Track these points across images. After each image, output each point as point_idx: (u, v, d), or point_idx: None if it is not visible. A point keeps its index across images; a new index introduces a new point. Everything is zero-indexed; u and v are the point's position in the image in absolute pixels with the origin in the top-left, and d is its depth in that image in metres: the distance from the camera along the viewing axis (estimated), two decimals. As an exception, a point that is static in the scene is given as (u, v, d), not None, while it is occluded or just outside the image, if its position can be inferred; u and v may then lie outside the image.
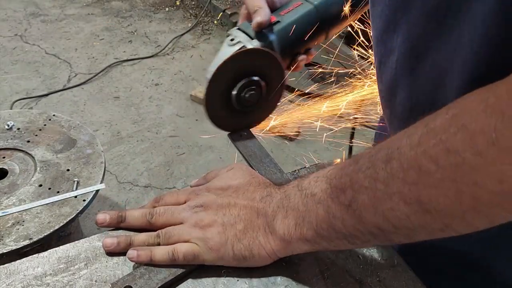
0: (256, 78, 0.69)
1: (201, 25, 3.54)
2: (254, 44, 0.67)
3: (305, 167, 0.73)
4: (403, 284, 0.56)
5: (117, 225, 0.58)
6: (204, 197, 0.57)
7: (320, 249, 0.51)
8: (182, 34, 3.41)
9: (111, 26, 3.48)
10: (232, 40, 0.68)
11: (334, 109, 0.89)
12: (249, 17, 0.70)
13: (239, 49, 0.67)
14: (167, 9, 3.74)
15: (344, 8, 0.72)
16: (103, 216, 0.58)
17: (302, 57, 0.73)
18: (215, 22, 3.56)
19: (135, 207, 2.12)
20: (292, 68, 0.74)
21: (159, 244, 0.55)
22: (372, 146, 0.45)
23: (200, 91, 2.78)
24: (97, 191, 1.40)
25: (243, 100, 0.70)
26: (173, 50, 3.25)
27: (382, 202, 0.41)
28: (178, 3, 3.79)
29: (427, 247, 0.53)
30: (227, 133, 0.78)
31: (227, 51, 0.67)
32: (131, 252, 0.53)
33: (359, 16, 0.76)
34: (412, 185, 0.39)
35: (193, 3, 3.81)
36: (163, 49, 3.22)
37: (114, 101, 2.77)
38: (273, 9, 0.71)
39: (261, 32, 0.67)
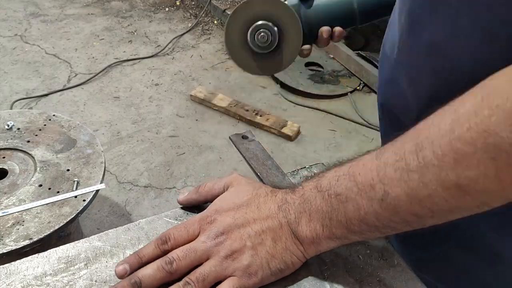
0: (269, 23, 0.75)
1: (201, 25, 3.54)
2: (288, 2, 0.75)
3: (305, 167, 0.73)
4: (403, 284, 0.56)
5: None
6: (220, 223, 0.53)
7: (348, 243, 0.51)
8: (182, 34, 3.41)
9: (111, 26, 3.48)
10: None
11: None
12: None
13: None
14: (167, 9, 3.74)
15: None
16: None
17: (325, 28, 0.77)
18: (215, 22, 3.56)
19: (135, 207, 2.13)
20: (319, 42, 0.80)
21: None
22: (391, 141, 0.45)
23: (200, 91, 2.78)
24: (97, 191, 1.40)
25: (256, 38, 0.76)
26: (173, 50, 3.25)
27: (418, 191, 0.42)
28: (178, 3, 3.79)
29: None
30: (226, 134, 0.80)
31: None
32: None
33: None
34: (449, 170, 0.40)
35: (193, 3, 3.81)
36: (163, 49, 3.22)
37: (114, 101, 2.77)
38: None
39: None
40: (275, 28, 0.76)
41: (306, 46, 0.80)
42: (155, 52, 3.19)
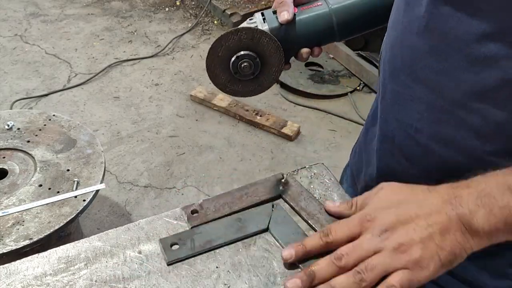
0: (253, 53, 0.75)
1: (201, 25, 3.54)
2: (264, 27, 0.74)
3: (305, 167, 0.73)
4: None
5: (311, 285, 0.53)
6: (382, 220, 0.54)
7: None
8: (182, 34, 3.41)
9: (111, 26, 3.48)
10: (250, 19, 0.77)
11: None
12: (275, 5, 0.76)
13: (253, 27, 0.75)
14: (167, 9, 3.74)
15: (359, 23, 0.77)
16: (294, 283, 0.53)
17: (305, 50, 0.77)
18: (215, 22, 3.56)
19: (135, 207, 2.13)
20: (297, 58, 0.80)
21: (361, 281, 0.51)
22: None
23: (200, 91, 2.78)
24: (97, 191, 1.40)
25: (239, 68, 0.77)
26: (173, 50, 3.25)
27: None
28: (178, 3, 3.79)
29: None
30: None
31: (240, 26, 0.76)
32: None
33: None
34: None
35: (193, 3, 3.81)
36: (163, 49, 3.22)
37: (114, 101, 2.77)
38: (297, 3, 0.76)
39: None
40: (257, 58, 0.76)
41: (286, 66, 0.81)
42: (155, 52, 3.19)
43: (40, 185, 1.39)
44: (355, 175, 0.89)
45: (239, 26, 0.74)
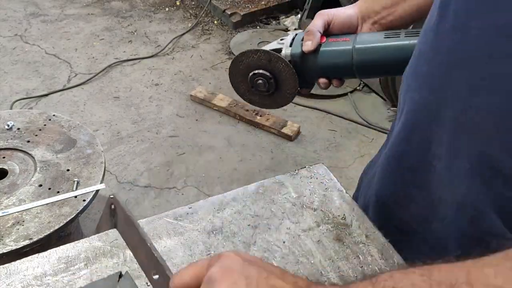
0: (269, 74, 0.80)
1: (201, 25, 3.54)
2: (287, 50, 0.79)
3: (305, 167, 0.73)
4: (403, 284, 0.56)
5: None
6: None
7: None
8: (182, 34, 3.41)
9: (111, 26, 3.48)
10: (281, 39, 0.82)
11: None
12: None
13: (278, 48, 0.80)
14: (167, 9, 3.74)
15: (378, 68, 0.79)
16: None
17: (322, 80, 0.80)
18: (215, 22, 3.56)
19: (135, 207, 2.13)
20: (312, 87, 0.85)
21: None
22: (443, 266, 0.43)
23: (200, 91, 2.78)
24: (97, 191, 1.40)
25: (255, 84, 0.83)
26: (173, 50, 3.25)
27: None
28: (178, 3, 3.79)
29: None
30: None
31: (270, 44, 0.83)
32: None
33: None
34: None
35: (193, 3, 3.81)
36: (163, 49, 3.22)
37: (114, 101, 2.77)
38: (328, 32, 0.80)
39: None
40: (272, 78, 0.81)
41: (305, 90, 0.85)
42: (155, 52, 3.19)
43: (40, 185, 1.39)
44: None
45: (263, 47, 0.81)
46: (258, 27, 3.49)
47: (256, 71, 0.81)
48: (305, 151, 2.48)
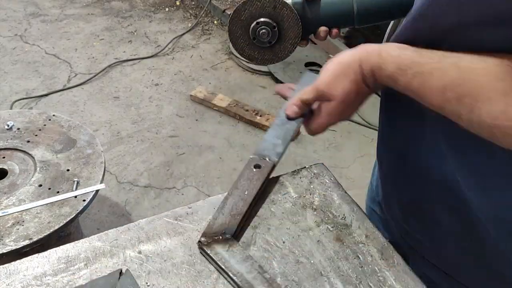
0: (270, 20, 0.80)
1: (201, 25, 3.54)
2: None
3: (305, 167, 0.73)
4: (403, 284, 0.56)
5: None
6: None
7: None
8: (182, 34, 3.41)
9: (111, 26, 3.48)
10: None
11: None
12: None
13: None
14: (167, 9, 3.74)
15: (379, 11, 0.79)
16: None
17: (323, 28, 0.81)
18: (215, 22, 3.56)
19: (135, 207, 2.13)
20: (316, 37, 0.83)
21: None
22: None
23: (200, 91, 2.78)
24: (97, 191, 1.40)
25: (257, 34, 0.82)
26: (173, 50, 3.25)
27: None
28: (178, 3, 3.79)
29: None
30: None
31: None
32: None
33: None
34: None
35: (193, 3, 3.81)
36: (163, 49, 3.22)
37: (114, 101, 2.77)
38: None
39: None
40: (275, 27, 0.81)
41: (303, 42, 0.86)
42: (155, 52, 3.19)
43: (40, 185, 1.39)
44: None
45: None
46: (258, 27, 3.49)
47: (260, 20, 0.81)
48: (305, 151, 2.48)
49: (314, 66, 3.08)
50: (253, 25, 0.81)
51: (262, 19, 0.81)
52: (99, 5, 3.72)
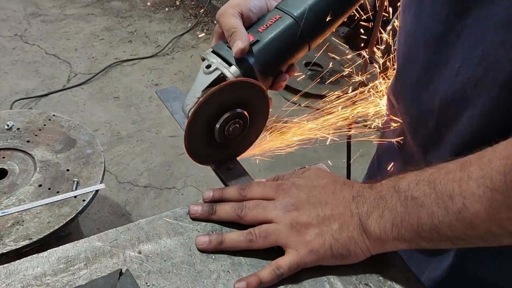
0: (239, 110, 0.63)
1: (201, 25, 3.54)
2: (232, 71, 0.61)
3: (305, 167, 0.73)
4: (403, 284, 0.56)
5: (208, 217, 0.61)
6: (294, 195, 0.57)
7: (417, 248, 0.51)
8: (182, 34, 3.41)
9: (111, 26, 3.48)
10: (208, 67, 0.62)
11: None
12: (223, 37, 0.64)
13: (217, 77, 0.61)
14: (167, 9, 3.74)
15: (327, 18, 0.65)
16: (196, 208, 0.61)
17: (284, 76, 0.67)
18: (215, 22, 3.57)
19: (135, 207, 2.13)
20: (273, 87, 0.69)
21: (251, 242, 0.55)
22: (479, 153, 0.45)
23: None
24: (97, 191, 1.40)
25: (227, 133, 0.65)
26: (173, 50, 3.25)
27: (500, 211, 0.42)
28: (178, 3, 3.79)
29: None
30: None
31: (203, 80, 0.62)
32: (241, 285, 0.53)
33: (340, 22, 0.69)
34: None
35: (193, 3, 3.81)
36: (163, 49, 3.22)
37: (114, 101, 2.77)
38: (249, 24, 0.65)
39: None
40: (246, 115, 0.65)
41: (275, 87, 0.69)
42: (155, 52, 3.19)
43: (40, 185, 1.39)
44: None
45: (207, 94, 0.60)
46: (258, 27, 3.50)
47: (226, 115, 0.63)
48: (305, 151, 2.48)
49: (314, 66, 3.08)
50: (217, 127, 0.65)
51: (228, 114, 0.63)
52: (99, 5, 3.72)
